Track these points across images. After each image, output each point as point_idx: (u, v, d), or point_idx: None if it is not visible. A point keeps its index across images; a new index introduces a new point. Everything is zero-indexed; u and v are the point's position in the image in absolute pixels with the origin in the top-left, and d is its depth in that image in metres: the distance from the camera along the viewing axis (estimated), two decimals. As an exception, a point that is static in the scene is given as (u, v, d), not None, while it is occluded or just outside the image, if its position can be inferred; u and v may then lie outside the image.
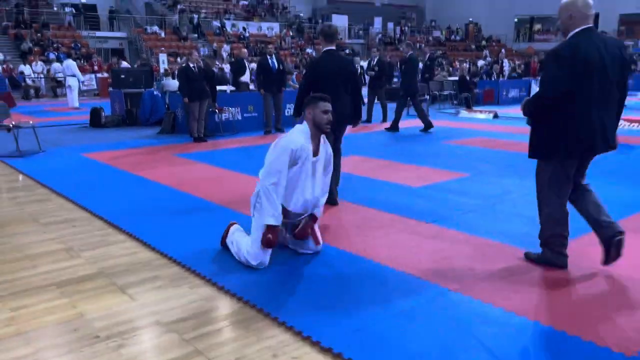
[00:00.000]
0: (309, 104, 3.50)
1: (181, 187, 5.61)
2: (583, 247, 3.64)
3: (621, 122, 9.75)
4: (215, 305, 2.92)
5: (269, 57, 9.84)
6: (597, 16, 39.51)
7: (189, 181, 5.90)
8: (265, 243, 3.31)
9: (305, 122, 3.52)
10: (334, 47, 4.90)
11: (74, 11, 27.65)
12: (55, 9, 27.54)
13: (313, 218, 3.61)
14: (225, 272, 3.32)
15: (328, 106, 3.49)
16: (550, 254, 3.32)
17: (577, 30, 3.15)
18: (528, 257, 3.47)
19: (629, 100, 15.52)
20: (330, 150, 3.67)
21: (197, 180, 5.95)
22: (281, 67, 9.88)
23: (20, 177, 6.35)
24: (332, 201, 4.64)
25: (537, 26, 44.85)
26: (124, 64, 20.62)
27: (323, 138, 3.58)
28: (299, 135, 3.43)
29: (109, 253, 3.71)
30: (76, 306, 2.90)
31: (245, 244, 3.43)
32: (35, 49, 23.09)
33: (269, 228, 3.30)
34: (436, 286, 3.07)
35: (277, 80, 9.75)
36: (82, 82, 18.19)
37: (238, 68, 12.60)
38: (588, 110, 3.08)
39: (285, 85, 10.35)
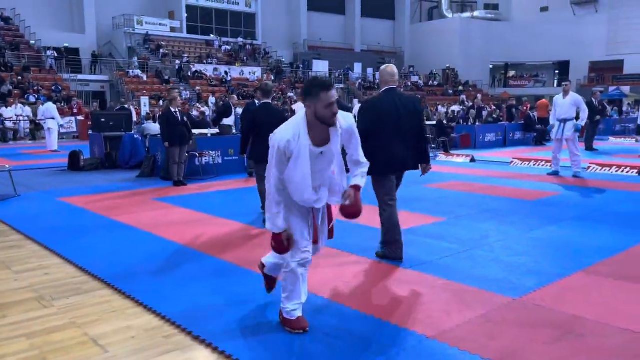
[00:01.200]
0: (308, 95, 2.95)
1: (159, 232, 5.56)
2: (563, 292, 3.68)
3: (592, 167, 10.06)
4: (192, 356, 2.86)
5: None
6: (567, 63, 41.21)
7: (167, 226, 5.85)
8: (275, 251, 3.12)
9: (302, 114, 3.03)
10: (269, 101, 6.23)
11: (55, 54, 27.83)
12: (37, 52, 27.69)
13: (356, 187, 3.13)
14: (202, 320, 3.26)
15: (333, 97, 2.91)
16: (389, 251, 4.45)
17: (382, 89, 4.53)
18: (377, 255, 4.57)
19: (601, 144, 15.90)
20: (349, 125, 3.11)
21: (175, 225, 5.90)
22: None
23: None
24: None
25: (512, 72, 46.44)
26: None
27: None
28: (286, 130, 2.99)
29: (82, 302, 3.63)
30: (46, 358, 2.81)
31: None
32: (16, 92, 23.06)
33: (272, 235, 3.07)
34: (414, 333, 3.06)
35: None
36: (62, 125, 18.13)
37: (225, 111, 12.64)
38: (388, 143, 4.42)
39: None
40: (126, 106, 9.96)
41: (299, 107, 10.24)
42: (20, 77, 24.32)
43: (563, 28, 41.26)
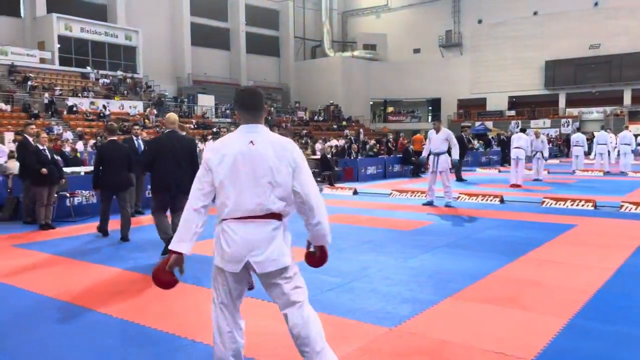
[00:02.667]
0: (263, 102, 2.81)
1: (22, 283, 5.03)
2: (434, 318, 3.87)
3: (461, 196, 10.89)
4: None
5: (134, 137, 9.56)
6: (439, 100, 44.68)
7: (32, 276, 5.32)
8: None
9: (262, 123, 2.87)
10: (115, 138, 7.84)
11: None
12: None
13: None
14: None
15: None
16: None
17: (166, 131, 6.38)
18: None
19: (469, 175, 17.28)
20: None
21: (39, 274, 5.39)
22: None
23: None
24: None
25: (391, 108, 49.44)
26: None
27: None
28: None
29: None
30: None
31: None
32: None
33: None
34: (294, 373, 3.03)
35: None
36: None
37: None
38: (165, 170, 5.99)
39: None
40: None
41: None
42: None
43: (434, 68, 45.01)
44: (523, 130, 14.89)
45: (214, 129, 33.39)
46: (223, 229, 2.66)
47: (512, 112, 42.42)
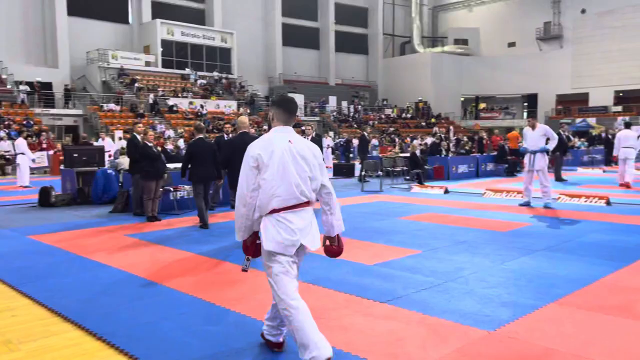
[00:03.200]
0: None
1: (132, 269, 5.46)
2: (537, 323, 3.72)
3: (562, 197, 10.29)
4: (163, 400, 2.78)
5: (225, 135, 10.03)
6: (535, 96, 42.50)
7: (140, 263, 5.75)
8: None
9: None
10: (202, 136, 8.39)
11: (28, 89, 27.55)
12: (9, 86, 27.39)
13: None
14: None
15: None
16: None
17: (239, 132, 7.07)
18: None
19: (570, 175, 16.28)
20: None
21: (149, 262, 5.80)
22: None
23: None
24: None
25: (483, 105, 47.68)
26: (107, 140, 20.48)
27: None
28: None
29: (50, 345, 3.52)
30: (11, 407, 2.70)
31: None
32: (-15, 126, 22.65)
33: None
34: (391, 370, 3.05)
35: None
36: (33, 160, 17.82)
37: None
38: (235, 169, 5.15)
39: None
40: (91, 141, 9.92)
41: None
42: (-10, 112, 23.95)
43: (530, 62, 42.80)
44: (628, 126, 13.63)
45: (303, 128, 34.05)
46: (278, 220, 3.02)
47: (619, 108, 39.27)
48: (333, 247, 3.32)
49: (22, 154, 15.43)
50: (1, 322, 3.97)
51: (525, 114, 44.66)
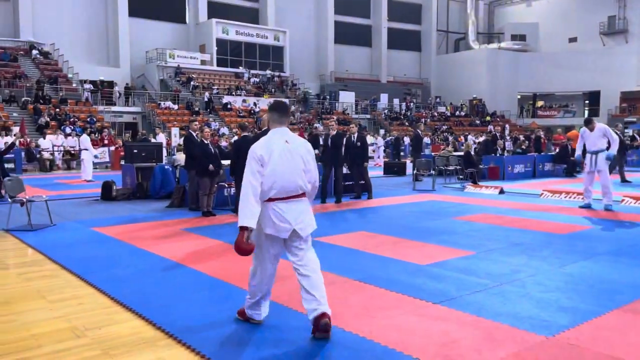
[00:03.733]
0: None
1: (189, 263, 5.63)
2: (599, 330, 3.58)
3: (626, 199, 9.82)
4: (220, 390, 2.87)
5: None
6: (598, 93, 40.69)
7: (197, 257, 5.92)
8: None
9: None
10: (247, 134, 8.87)
11: (92, 87, 28.84)
12: (74, 85, 28.76)
13: None
14: (233, 355, 3.27)
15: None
16: None
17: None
18: None
19: (635, 176, 15.52)
20: None
21: (205, 256, 5.97)
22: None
23: (30, 251, 6.41)
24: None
25: (540, 102, 46.06)
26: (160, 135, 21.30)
27: None
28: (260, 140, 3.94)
29: (114, 332, 3.69)
30: (79, 390, 2.86)
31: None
32: (52, 123, 23.89)
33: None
34: (445, 372, 3.01)
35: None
36: (96, 155, 18.67)
37: (313, 143, 12.72)
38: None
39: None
40: (149, 138, 10.35)
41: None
42: (57, 109, 25.23)
43: (592, 58, 40.97)
44: None
45: (351, 125, 33.99)
46: (273, 208, 3.54)
47: (690, 106, 37.04)
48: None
49: (86, 149, 16.20)
50: (68, 310, 4.19)
51: (586, 112, 42.85)
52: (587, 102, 44.19)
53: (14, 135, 18.84)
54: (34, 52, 29.59)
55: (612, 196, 9.28)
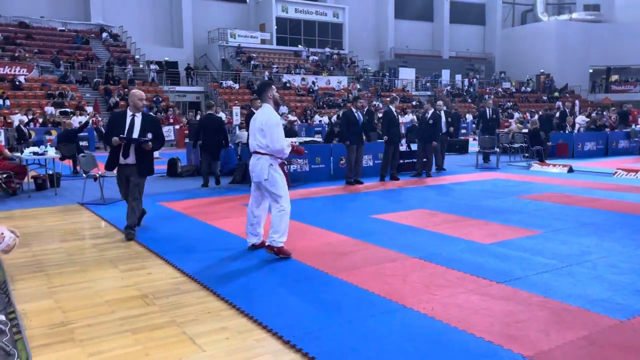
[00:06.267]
0: (268, 89, 5.05)
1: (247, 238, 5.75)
2: (673, 316, 3.37)
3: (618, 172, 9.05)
4: (281, 360, 2.93)
5: (354, 110, 10.07)
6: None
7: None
8: (302, 151, 5.44)
9: (268, 103, 5.03)
10: (212, 112, 10.38)
11: (157, 68, 29.77)
12: (141, 66, 29.79)
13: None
14: (293, 325, 3.33)
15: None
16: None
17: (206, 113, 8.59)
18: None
19: None
20: None
21: (266, 231, 6.07)
22: (365, 120, 10.26)
23: (103, 224, 6.76)
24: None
25: (615, 77, 43.32)
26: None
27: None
28: (274, 112, 4.99)
29: (180, 302, 3.84)
30: (149, 354, 3.00)
31: (288, 213, 5.00)
32: (122, 103, 24.91)
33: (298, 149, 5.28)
34: (509, 352, 2.93)
35: (361, 132, 10.01)
36: (161, 133, 19.27)
37: (369, 119, 12.43)
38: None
39: (370, 138, 10.56)
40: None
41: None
42: (125, 90, 26.26)
43: (675, 28, 37.92)
44: None
45: (414, 102, 33.34)
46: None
47: None
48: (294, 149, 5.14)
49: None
50: (139, 279, 4.40)
51: (666, 87, 39.99)
52: (667, 75, 41.16)
53: (88, 114, 19.81)
54: (104, 34, 30.81)
55: None
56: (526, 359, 2.86)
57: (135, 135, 5.68)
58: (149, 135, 5.73)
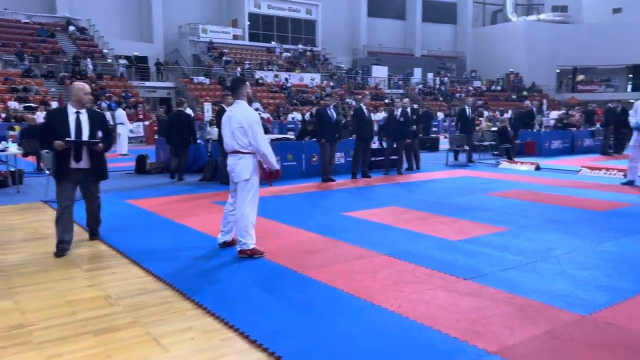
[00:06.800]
0: (243, 85, 4.89)
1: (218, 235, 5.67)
2: (638, 310, 3.46)
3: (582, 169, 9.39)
4: (247, 360, 2.89)
5: (327, 108, 10.04)
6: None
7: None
8: (278, 176, 5.01)
9: (242, 99, 4.87)
10: (181, 109, 10.58)
11: (127, 63, 29.20)
12: (109, 60, 29.16)
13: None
14: (260, 324, 3.29)
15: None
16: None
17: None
18: None
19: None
20: None
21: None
22: (338, 118, 10.22)
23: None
24: None
25: (581, 76, 44.39)
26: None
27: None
28: (250, 109, 4.86)
29: (145, 302, 3.76)
30: (111, 355, 2.92)
31: (250, 216, 4.84)
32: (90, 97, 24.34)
33: (277, 170, 4.98)
34: (474, 348, 2.96)
35: (335, 130, 9.97)
36: (131, 130, 18.97)
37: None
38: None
39: (341, 136, 10.55)
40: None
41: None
42: (93, 85, 25.67)
43: (638, 30, 39.03)
44: None
45: (387, 100, 33.54)
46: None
47: None
48: (266, 174, 4.93)
49: (122, 124, 16.47)
50: (103, 279, 4.29)
51: (630, 87, 41.16)
52: (630, 75, 42.36)
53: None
54: (71, 28, 30.04)
55: None
56: (491, 354, 2.88)
57: (85, 135, 4.98)
58: (99, 134, 5.11)
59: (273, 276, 4.30)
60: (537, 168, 11.72)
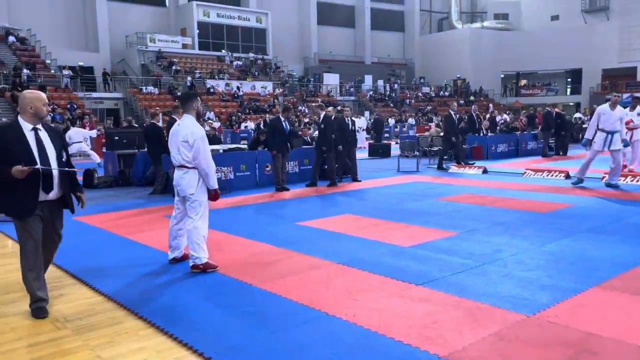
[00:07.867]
0: (194, 100, 4.96)
1: (149, 242, 5.58)
2: (578, 308, 3.63)
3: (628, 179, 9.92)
4: (202, 378, 2.86)
5: (282, 118, 10.04)
6: (580, 71, 40.81)
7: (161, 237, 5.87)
8: (215, 199, 5.04)
9: (190, 114, 4.89)
10: (154, 121, 10.10)
11: (71, 73, 28.29)
12: (52, 71, 28.18)
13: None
14: (215, 340, 3.27)
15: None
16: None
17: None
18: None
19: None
20: None
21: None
22: (291, 129, 10.27)
23: (10, 242, 6.31)
24: None
25: (524, 81, 46.24)
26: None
27: None
28: (197, 124, 4.88)
29: (95, 323, 3.65)
30: (59, 382, 2.83)
31: (201, 230, 4.84)
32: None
33: (216, 190, 4.94)
34: (426, 353, 3.04)
35: (286, 141, 10.00)
36: (91, 136, 18.34)
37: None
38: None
39: (293, 146, 10.57)
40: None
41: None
42: (36, 96, 24.73)
43: (574, 36, 41.07)
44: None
45: (338, 107, 33.86)
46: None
47: (670, 82, 37.41)
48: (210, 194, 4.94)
49: (79, 142, 16.01)
50: (50, 302, 4.13)
51: (569, 90, 43.20)
52: (569, 80, 44.47)
53: (-8, 124, 18.44)
54: (11, 38, 28.87)
55: (619, 174, 9.37)
56: (442, 358, 2.97)
57: (52, 157, 3.84)
58: (64, 155, 3.98)
59: (226, 291, 4.28)
60: (485, 171, 12.12)
